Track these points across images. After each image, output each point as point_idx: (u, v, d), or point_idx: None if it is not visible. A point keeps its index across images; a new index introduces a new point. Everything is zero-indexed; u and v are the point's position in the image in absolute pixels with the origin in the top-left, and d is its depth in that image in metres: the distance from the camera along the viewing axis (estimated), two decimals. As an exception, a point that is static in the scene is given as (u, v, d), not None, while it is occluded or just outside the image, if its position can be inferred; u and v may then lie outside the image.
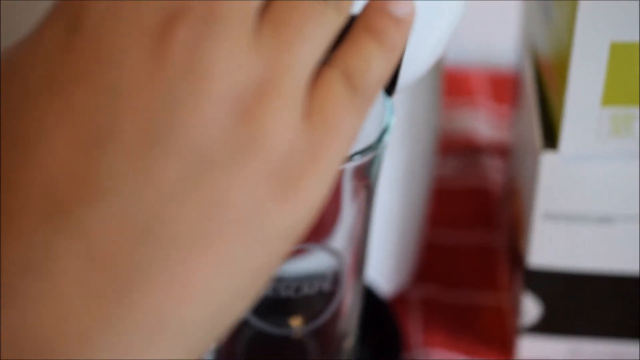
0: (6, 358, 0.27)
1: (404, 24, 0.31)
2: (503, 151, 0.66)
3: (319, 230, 0.48)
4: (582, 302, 0.53)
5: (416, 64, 0.42)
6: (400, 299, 0.58)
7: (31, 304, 0.27)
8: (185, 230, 0.27)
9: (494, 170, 0.65)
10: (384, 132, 0.43)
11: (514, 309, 0.56)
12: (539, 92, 0.51)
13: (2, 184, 0.27)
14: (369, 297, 0.55)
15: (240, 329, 0.51)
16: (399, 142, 0.53)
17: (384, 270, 0.57)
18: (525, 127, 0.54)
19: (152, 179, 0.27)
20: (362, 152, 0.43)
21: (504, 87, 0.69)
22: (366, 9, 0.31)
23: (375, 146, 0.43)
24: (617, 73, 0.45)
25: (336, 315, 0.49)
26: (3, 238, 0.27)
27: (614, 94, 0.46)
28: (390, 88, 0.42)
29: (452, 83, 0.71)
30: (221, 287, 0.28)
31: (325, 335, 0.50)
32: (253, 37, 0.28)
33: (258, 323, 0.49)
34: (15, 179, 0.27)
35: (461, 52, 0.73)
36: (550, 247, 0.51)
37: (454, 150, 0.66)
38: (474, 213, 0.63)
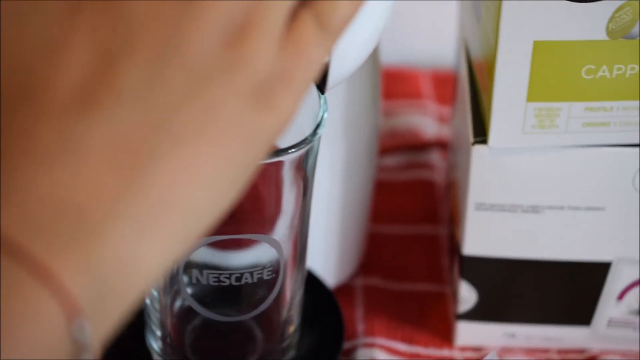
0: (42, 218, 0.32)
1: None
2: (447, 147, 0.68)
3: (260, 222, 0.50)
4: (515, 289, 0.55)
5: (347, 61, 0.44)
6: (345, 288, 0.60)
7: (65, 173, 0.32)
8: (190, 127, 0.33)
9: (438, 165, 0.68)
10: (318, 125, 0.46)
11: (453, 297, 0.58)
12: (472, 90, 0.54)
13: (35, 81, 0.33)
14: (313, 286, 0.57)
15: (187, 318, 0.53)
16: (339, 137, 0.55)
17: (328, 261, 0.59)
18: (460, 123, 0.56)
19: (163, 84, 0.33)
20: (297, 145, 0.45)
21: (448, 86, 0.72)
22: None
23: (310, 139, 0.46)
24: (541, 70, 0.48)
25: (278, 303, 0.52)
26: (40, 120, 0.33)
27: (538, 90, 0.48)
28: (321, 85, 0.44)
29: (399, 83, 0.73)
30: (217, 174, 0.34)
31: (269, 322, 0.53)
32: None
33: (203, 311, 0.51)
34: (46, 77, 0.33)
35: (408, 53, 0.76)
36: (483, 237, 0.53)
37: (400, 147, 0.69)
38: (419, 206, 0.65)
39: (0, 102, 0.33)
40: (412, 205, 0.65)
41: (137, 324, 0.54)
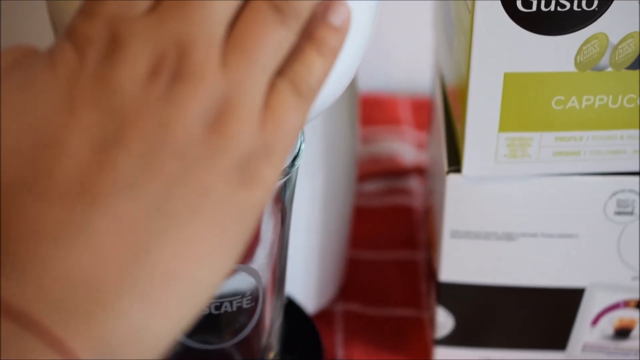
0: (53, 293, 0.34)
1: (341, 31, 0.39)
2: (425, 173, 0.69)
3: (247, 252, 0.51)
4: (490, 314, 0.56)
5: (324, 95, 0.45)
6: (324, 314, 0.61)
7: (74, 251, 0.35)
8: (184, 209, 0.36)
9: (416, 190, 0.69)
10: (295, 157, 0.47)
11: (431, 322, 0.59)
12: (446, 118, 0.55)
13: (37, 171, 0.35)
14: (293, 312, 0.58)
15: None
16: (318, 165, 0.56)
17: (307, 288, 0.60)
18: (436, 150, 0.57)
19: (155, 171, 0.36)
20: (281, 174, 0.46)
21: (427, 113, 0.73)
22: (309, 20, 0.38)
23: (288, 171, 0.47)
24: (512, 101, 0.49)
25: (258, 330, 0.52)
26: (45, 206, 0.35)
27: (509, 121, 0.50)
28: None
29: (378, 109, 0.74)
30: (213, 249, 0.37)
31: (249, 348, 0.54)
32: (218, 65, 0.36)
33: (184, 340, 0.52)
34: (48, 168, 0.35)
35: (387, 80, 0.77)
36: (459, 264, 0.54)
37: (379, 173, 0.70)
38: (397, 231, 0.66)
39: (1, 190, 0.36)
40: (391, 230, 0.66)
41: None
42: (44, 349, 0.33)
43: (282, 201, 0.48)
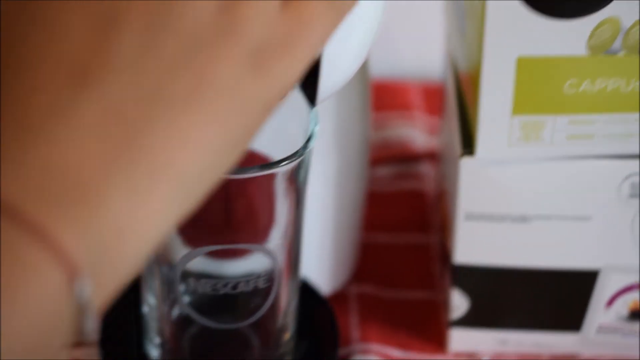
0: (40, 184, 0.32)
1: None
2: (437, 158, 0.70)
3: (255, 232, 0.52)
4: (505, 296, 0.57)
5: (337, 73, 0.45)
6: (339, 296, 0.62)
7: (57, 142, 0.33)
8: (182, 95, 0.33)
9: (428, 175, 0.69)
10: (309, 139, 0.47)
11: (445, 304, 0.60)
12: (459, 103, 0.55)
13: (31, 54, 0.33)
14: (308, 294, 0.59)
15: (184, 326, 0.54)
16: (331, 149, 0.57)
17: (322, 270, 0.61)
18: (448, 135, 0.58)
19: (156, 51, 0.33)
20: (289, 157, 0.47)
21: (438, 98, 0.73)
22: None
23: (301, 152, 0.47)
24: (525, 85, 0.49)
25: (273, 311, 0.53)
26: (35, 91, 0.33)
27: (523, 104, 0.50)
28: (312, 97, 0.46)
29: (390, 95, 0.75)
30: (211, 138, 0.34)
31: (265, 329, 0.54)
32: None
33: (200, 319, 0.53)
34: (42, 50, 0.33)
35: (399, 66, 0.78)
36: (473, 246, 0.55)
37: (391, 158, 0.70)
38: (410, 215, 0.67)
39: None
40: (404, 214, 0.67)
41: (135, 331, 0.56)
42: (30, 243, 0.32)
43: (296, 182, 0.49)
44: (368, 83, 0.58)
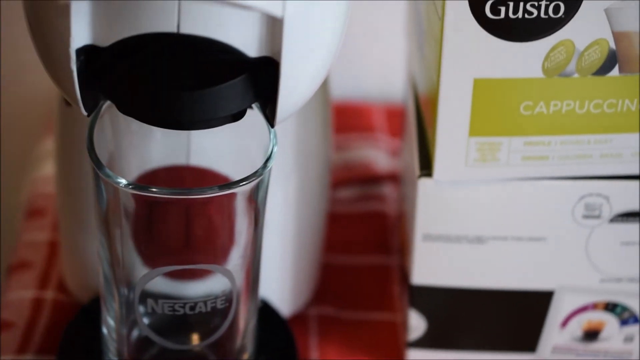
0: None
1: None
2: (399, 180, 0.70)
3: (214, 252, 0.52)
4: (462, 317, 0.57)
5: (296, 93, 0.46)
6: (299, 317, 0.62)
7: None
8: None
9: (390, 197, 0.70)
10: (268, 159, 0.48)
11: (404, 325, 0.60)
12: (419, 124, 0.56)
13: None
14: (267, 315, 0.59)
15: (143, 348, 0.54)
16: (292, 170, 0.57)
17: (283, 292, 0.61)
18: (408, 156, 0.58)
19: None
20: (249, 177, 0.47)
21: (400, 121, 0.74)
22: None
23: (260, 172, 0.48)
24: (482, 106, 0.50)
25: (232, 331, 0.53)
26: None
27: (479, 126, 0.51)
28: (271, 117, 0.46)
29: (353, 117, 0.75)
30: None
31: (224, 350, 0.54)
32: None
33: (159, 340, 0.53)
34: None
35: (362, 88, 0.78)
36: (431, 266, 0.55)
37: (354, 179, 0.71)
38: (371, 237, 0.67)
39: None
40: (365, 236, 0.67)
41: (96, 352, 0.56)
42: None
43: (255, 201, 0.49)
44: (329, 104, 0.58)
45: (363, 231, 0.68)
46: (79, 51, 0.44)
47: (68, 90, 0.46)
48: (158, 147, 0.54)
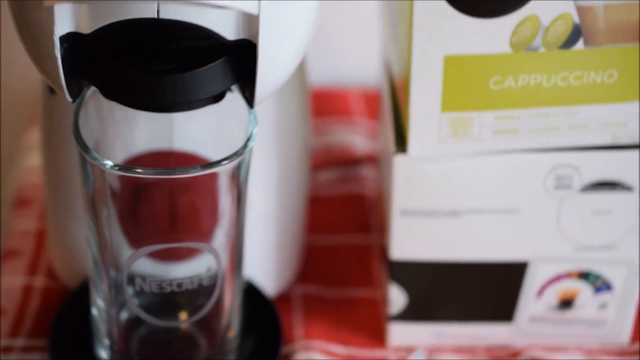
0: None
1: None
2: (377, 161, 0.72)
3: (199, 230, 0.54)
4: (440, 290, 0.59)
5: (274, 74, 0.48)
6: (284, 296, 0.64)
7: None
8: None
9: (369, 178, 0.71)
10: (248, 139, 0.50)
11: (385, 300, 0.62)
12: (393, 105, 0.58)
13: None
14: (253, 295, 0.61)
15: (133, 328, 0.56)
16: (271, 152, 0.59)
17: (267, 272, 0.63)
18: (384, 136, 0.60)
19: None
20: (230, 157, 0.49)
21: (378, 104, 0.76)
22: None
23: (241, 151, 0.49)
24: (452, 82, 0.52)
25: (218, 308, 0.55)
26: None
27: (451, 101, 0.52)
28: (250, 98, 0.48)
29: (331, 102, 0.77)
30: None
31: (210, 328, 0.56)
32: None
33: (148, 318, 0.54)
34: None
35: (340, 73, 0.80)
36: (408, 241, 0.57)
37: (333, 162, 0.73)
38: (351, 217, 0.69)
39: None
40: (346, 217, 0.69)
41: (85, 334, 0.57)
42: None
43: (238, 181, 0.51)
44: (306, 89, 0.60)
45: (343, 212, 0.69)
46: (63, 38, 0.45)
47: (53, 77, 0.47)
48: (142, 133, 0.55)
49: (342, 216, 0.69)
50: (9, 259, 0.65)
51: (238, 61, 0.47)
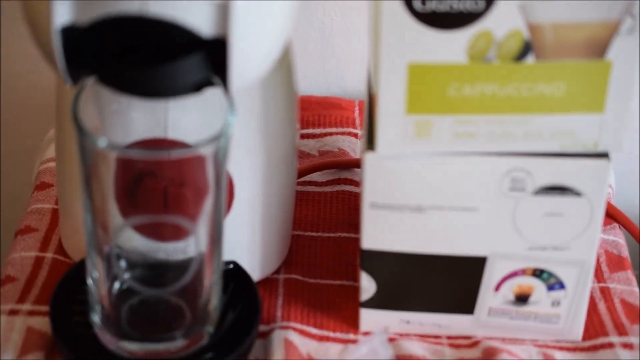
0: None
1: None
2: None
3: (182, 209, 0.60)
4: (407, 280, 0.64)
5: (251, 65, 0.54)
6: (268, 281, 0.70)
7: None
8: None
9: (360, 180, 0.77)
10: (226, 126, 0.56)
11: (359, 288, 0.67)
12: (369, 109, 0.64)
13: None
14: (238, 276, 0.67)
15: (125, 297, 0.62)
16: (257, 149, 0.65)
17: (252, 259, 0.68)
18: (363, 139, 0.66)
19: None
20: (207, 141, 0.55)
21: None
22: None
23: (216, 137, 0.55)
24: (416, 87, 0.57)
25: (198, 281, 0.61)
26: None
27: (414, 104, 0.58)
28: (227, 91, 0.54)
29: (332, 111, 0.83)
30: None
31: (192, 299, 0.62)
32: None
33: (137, 286, 0.61)
34: None
35: (342, 85, 0.86)
36: (378, 233, 0.63)
37: (330, 165, 0.79)
38: (340, 215, 0.75)
39: None
40: (335, 214, 0.75)
41: (82, 302, 0.64)
42: None
43: (217, 163, 0.57)
44: (293, 90, 0.66)
45: (333, 210, 0.75)
46: (62, 31, 0.52)
47: (55, 63, 0.54)
48: (139, 122, 0.62)
49: (331, 214, 0.75)
50: (24, 235, 0.72)
51: (215, 56, 0.53)
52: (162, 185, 0.59)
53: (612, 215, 0.75)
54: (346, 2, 0.82)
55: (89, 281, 0.62)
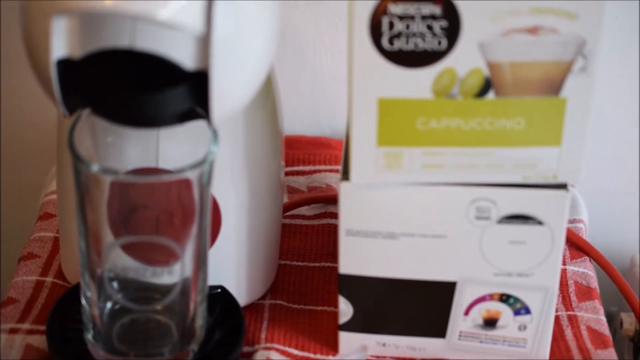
0: None
1: None
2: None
3: (168, 228, 0.64)
4: (382, 304, 0.68)
5: (232, 96, 0.58)
6: (254, 305, 0.74)
7: None
8: None
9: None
10: (209, 153, 0.60)
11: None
12: (346, 141, 0.68)
13: None
14: (225, 299, 0.71)
15: (116, 317, 0.67)
16: (242, 180, 0.69)
17: (239, 285, 0.73)
18: (340, 170, 0.70)
19: None
20: (190, 167, 0.60)
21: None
22: None
23: (201, 162, 0.60)
24: (386, 121, 0.62)
25: (184, 300, 0.65)
26: None
27: (385, 137, 0.62)
28: (210, 121, 0.59)
29: (320, 149, 0.88)
30: None
31: (178, 318, 0.66)
32: None
33: (127, 304, 0.65)
34: None
35: (331, 126, 0.91)
36: (353, 258, 0.67)
37: (317, 199, 0.83)
38: (325, 247, 0.79)
39: None
40: (321, 246, 0.79)
41: (77, 321, 0.68)
42: None
43: (201, 189, 0.61)
44: (278, 126, 0.70)
45: (319, 242, 0.80)
46: (58, 63, 0.57)
47: (53, 94, 0.59)
48: (132, 152, 0.66)
49: (317, 245, 0.79)
50: (27, 261, 0.77)
51: (197, 88, 0.58)
52: (154, 215, 0.63)
53: (582, 249, 0.79)
54: (335, 46, 0.87)
55: (83, 301, 0.66)
